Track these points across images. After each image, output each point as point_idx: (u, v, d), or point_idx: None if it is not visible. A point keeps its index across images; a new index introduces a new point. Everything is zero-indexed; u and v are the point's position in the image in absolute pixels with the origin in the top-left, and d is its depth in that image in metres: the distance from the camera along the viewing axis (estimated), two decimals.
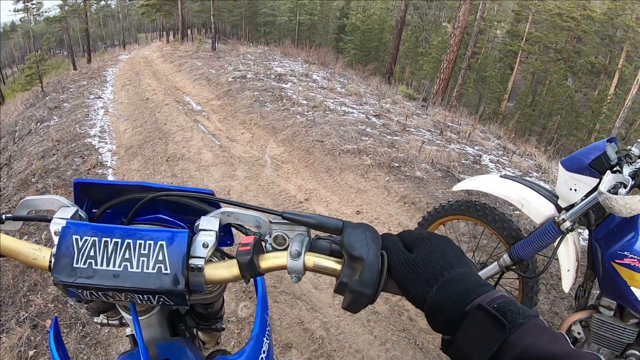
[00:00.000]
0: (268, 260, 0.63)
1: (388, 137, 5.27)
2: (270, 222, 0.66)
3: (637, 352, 1.96)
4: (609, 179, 1.73)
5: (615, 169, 1.87)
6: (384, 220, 3.75)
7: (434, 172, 4.53)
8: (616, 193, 1.72)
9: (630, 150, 2.07)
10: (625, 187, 1.74)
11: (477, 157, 5.30)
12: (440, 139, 5.73)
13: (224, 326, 1.01)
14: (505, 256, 2.19)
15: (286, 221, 0.64)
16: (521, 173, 5.14)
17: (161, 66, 14.82)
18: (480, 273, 2.33)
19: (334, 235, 0.65)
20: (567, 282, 2.10)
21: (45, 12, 40.67)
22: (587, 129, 28.15)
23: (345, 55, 29.48)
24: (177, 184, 4.61)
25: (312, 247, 0.64)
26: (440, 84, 13.62)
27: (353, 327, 2.73)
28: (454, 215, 2.48)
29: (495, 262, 2.26)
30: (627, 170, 1.82)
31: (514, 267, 2.25)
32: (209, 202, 0.71)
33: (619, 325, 1.95)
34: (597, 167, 1.89)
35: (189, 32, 36.64)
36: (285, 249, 0.64)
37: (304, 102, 6.92)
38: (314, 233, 0.65)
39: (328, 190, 4.30)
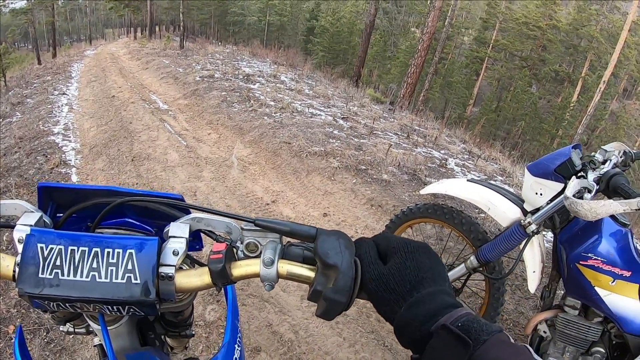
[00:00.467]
0: (241, 269, 0.62)
1: (355, 139, 5.27)
2: (242, 228, 0.64)
3: (602, 349, 2.01)
4: (574, 184, 1.78)
5: (580, 174, 1.92)
6: (351, 222, 3.76)
7: (401, 175, 4.56)
8: (581, 198, 1.76)
9: (594, 156, 2.13)
10: (590, 192, 1.79)
11: (443, 161, 5.37)
12: (407, 143, 5.78)
13: (193, 332, 0.99)
14: (472, 258, 2.23)
15: (258, 228, 0.63)
16: (486, 177, 5.23)
17: (128, 63, 14.51)
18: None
19: (306, 242, 0.64)
20: (533, 283, 2.16)
21: (11, 3, 39.29)
22: (550, 135, 28.96)
23: (313, 57, 29.53)
24: (142, 184, 4.52)
25: (285, 255, 0.63)
26: (408, 88, 13.76)
27: (322, 330, 2.72)
28: (422, 218, 2.51)
29: (463, 264, 2.29)
30: (591, 175, 1.88)
31: (481, 269, 2.28)
32: (179, 207, 0.69)
33: (583, 323, 2.00)
34: (562, 172, 1.95)
35: (157, 29, 36.09)
36: (258, 257, 0.63)
37: (272, 103, 6.88)
38: (285, 240, 0.64)
39: (295, 192, 4.28)
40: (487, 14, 37.11)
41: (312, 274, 0.61)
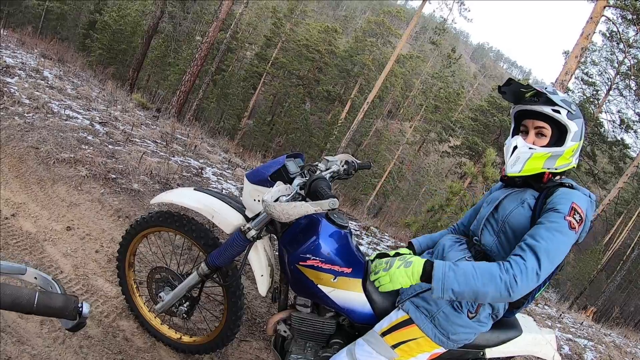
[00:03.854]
0: None
1: (110, 146, 4.90)
2: None
3: (339, 341, 2.16)
4: (277, 189, 1.88)
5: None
6: (96, 236, 3.47)
7: (152, 184, 4.38)
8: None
9: (317, 165, 2.32)
10: (287, 196, 1.91)
11: (200, 170, 5.34)
12: (165, 151, 5.62)
13: None
14: (203, 264, 2.22)
15: None
16: (242, 186, 5.37)
17: None
18: (182, 284, 2.33)
19: None
20: (262, 286, 2.24)
21: None
22: (319, 148, 31.63)
23: (90, 55, 27.23)
24: None
25: None
26: (180, 96, 13.67)
27: (65, 356, 2.45)
28: (155, 227, 2.43)
29: (196, 272, 2.27)
30: (297, 181, 2.03)
31: (215, 276, 2.29)
32: None
33: (317, 320, 2.13)
34: (277, 179, 2.06)
35: None
36: None
37: (27, 101, 6.01)
38: None
39: (38, 204, 3.79)
40: (272, 32, 38.95)
41: None
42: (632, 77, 21.40)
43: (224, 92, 32.62)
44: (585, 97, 24.70)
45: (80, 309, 0.96)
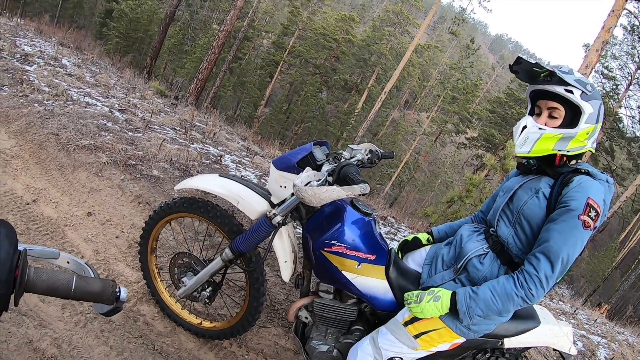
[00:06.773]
0: None
1: (129, 133, 4.91)
2: None
3: (361, 327, 2.18)
4: (306, 174, 1.90)
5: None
6: (117, 221, 3.50)
7: (172, 171, 4.39)
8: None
9: (342, 153, 2.31)
10: (317, 181, 1.92)
11: (219, 157, 5.34)
12: (184, 138, 5.64)
13: None
14: (227, 250, 2.24)
15: None
16: (261, 173, 5.37)
17: None
18: (205, 269, 2.34)
19: None
20: (286, 272, 2.25)
21: None
22: (335, 137, 31.53)
23: (107, 43, 27.34)
24: None
25: None
26: (198, 83, 13.73)
27: (87, 340, 2.48)
28: (179, 213, 2.44)
29: (219, 257, 2.28)
30: (325, 167, 2.03)
31: (238, 261, 2.30)
32: None
33: (339, 306, 2.14)
34: (303, 166, 2.06)
35: None
36: None
37: (46, 89, 6.05)
38: None
39: (59, 190, 3.81)
40: (289, 21, 38.84)
41: None
42: None
43: (241, 81, 32.61)
44: (605, 92, 24.23)
45: (118, 294, 0.96)
